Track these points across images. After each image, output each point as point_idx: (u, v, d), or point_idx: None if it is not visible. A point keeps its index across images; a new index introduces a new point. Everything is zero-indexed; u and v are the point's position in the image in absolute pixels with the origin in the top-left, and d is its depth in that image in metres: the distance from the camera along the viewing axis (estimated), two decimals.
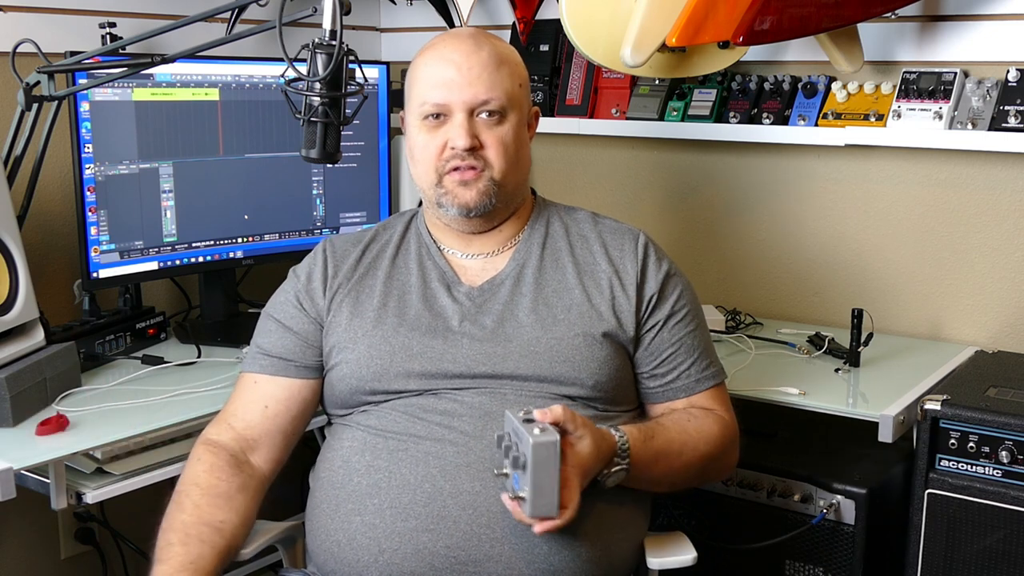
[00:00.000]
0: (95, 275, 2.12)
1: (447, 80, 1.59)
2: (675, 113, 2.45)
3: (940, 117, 2.14)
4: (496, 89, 1.59)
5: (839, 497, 1.89)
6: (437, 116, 1.60)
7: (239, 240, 2.34)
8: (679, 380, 1.65)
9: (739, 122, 2.38)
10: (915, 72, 2.19)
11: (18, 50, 1.93)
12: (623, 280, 1.64)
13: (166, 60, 1.88)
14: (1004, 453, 1.73)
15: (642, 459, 1.52)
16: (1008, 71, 2.09)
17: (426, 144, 1.61)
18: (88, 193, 2.08)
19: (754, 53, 2.31)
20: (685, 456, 1.58)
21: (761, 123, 2.35)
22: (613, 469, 1.48)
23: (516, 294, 1.63)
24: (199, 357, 2.13)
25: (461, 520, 1.47)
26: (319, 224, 2.46)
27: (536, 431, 1.36)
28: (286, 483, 1.76)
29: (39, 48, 1.90)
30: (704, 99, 2.43)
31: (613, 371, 1.60)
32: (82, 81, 1.98)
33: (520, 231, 1.70)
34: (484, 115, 1.59)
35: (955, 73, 2.15)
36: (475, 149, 1.59)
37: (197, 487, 1.54)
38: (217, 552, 1.49)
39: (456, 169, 1.60)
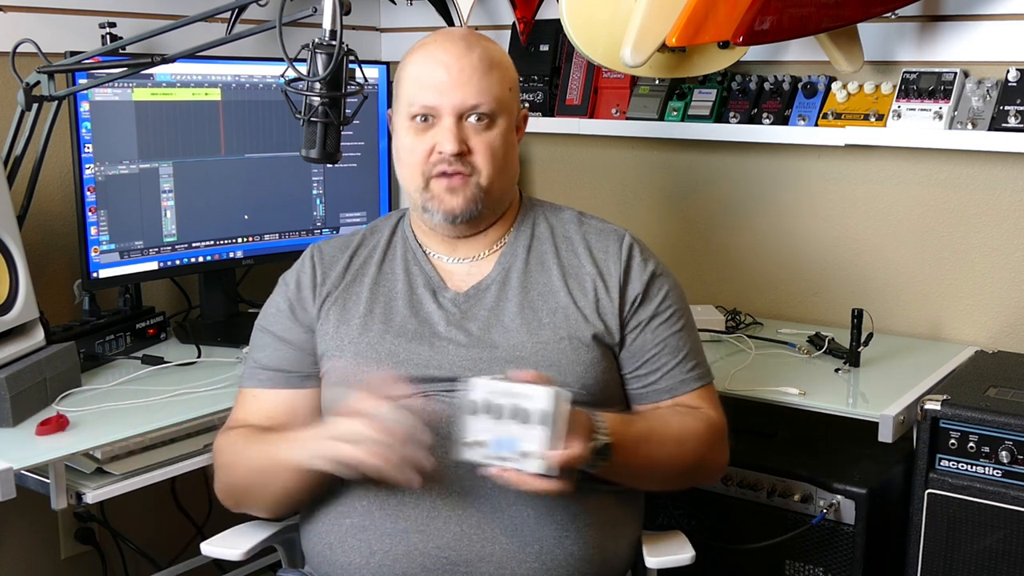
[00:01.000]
0: (95, 275, 2.12)
1: (437, 82, 1.56)
2: (675, 113, 2.45)
3: (940, 117, 2.13)
4: (486, 94, 1.56)
5: (839, 497, 1.89)
6: (425, 119, 1.58)
7: (239, 240, 2.34)
8: (662, 381, 1.62)
9: (739, 122, 2.37)
10: (915, 72, 2.19)
11: (18, 50, 1.93)
12: (607, 282, 1.62)
13: (166, 60, 1.88)
14: (1004, 453, 1.73)
15: (623, 440, 1.47)
16: (1008, 71, 2.09)
17: (413, 147, 1.59)
18: (88, 193, 2.08)
19: (754, 53, 2.31)
20: (668, 447, 1.55)
21: (761, 123, 2.35)
22: (599, 436, 1.43)
23: (502, 299, 1.61)
24: (199, 357, 2.13)
25: (451, 520, 1.47)
26: (319, 224, 2.46)
27: (538, 386, 1.35)
28: None
29: (39, 48, 1.90)
30: (704, 99, 2.43)
31: (599, 374, 1.58)
32: (82, 81, 1.98)
33: (506, 234, 1.68)
34: (473, 119, 1.57)
35: (955, 73, 2.15)
36: (463, 154, 1.56)
37: (244, 435, 1.58)
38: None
39: (444, 174, 1.57)
